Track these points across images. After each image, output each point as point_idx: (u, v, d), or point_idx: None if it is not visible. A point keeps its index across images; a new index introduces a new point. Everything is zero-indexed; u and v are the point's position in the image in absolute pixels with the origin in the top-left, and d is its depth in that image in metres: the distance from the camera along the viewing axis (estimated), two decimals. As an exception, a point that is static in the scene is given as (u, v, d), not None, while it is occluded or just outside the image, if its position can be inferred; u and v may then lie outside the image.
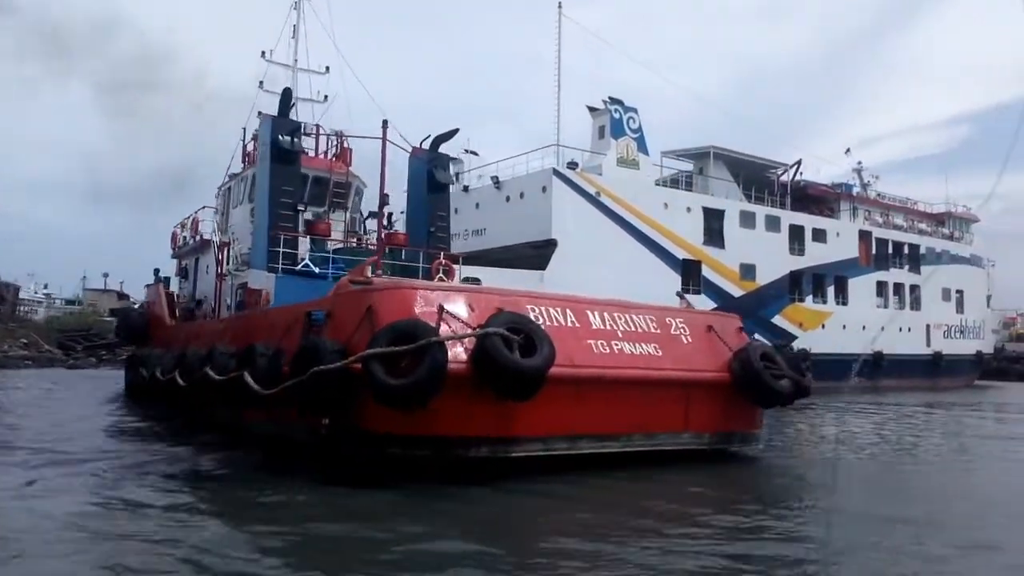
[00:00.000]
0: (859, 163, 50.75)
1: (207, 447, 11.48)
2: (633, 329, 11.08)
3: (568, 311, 10.61)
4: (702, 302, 33.20)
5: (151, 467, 9.71)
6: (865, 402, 29.37)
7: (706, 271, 33.99)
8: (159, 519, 7.00)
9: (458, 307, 9.46)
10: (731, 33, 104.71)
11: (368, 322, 9.13)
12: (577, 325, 10.53)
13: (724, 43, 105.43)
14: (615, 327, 10.92)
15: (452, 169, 36.43)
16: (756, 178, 38.79)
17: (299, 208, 18.32)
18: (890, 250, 43.51)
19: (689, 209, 33.71)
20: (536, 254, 30.00)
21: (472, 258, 31.61)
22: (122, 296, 63.92)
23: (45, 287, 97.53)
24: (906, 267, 44.44)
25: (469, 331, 8.92)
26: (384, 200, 17.09)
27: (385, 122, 17.75)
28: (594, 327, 10.70)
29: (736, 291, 35.17)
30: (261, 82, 24.87)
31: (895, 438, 17.22)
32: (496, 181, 32.13)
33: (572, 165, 31.32)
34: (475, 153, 36.00)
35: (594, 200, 30.51)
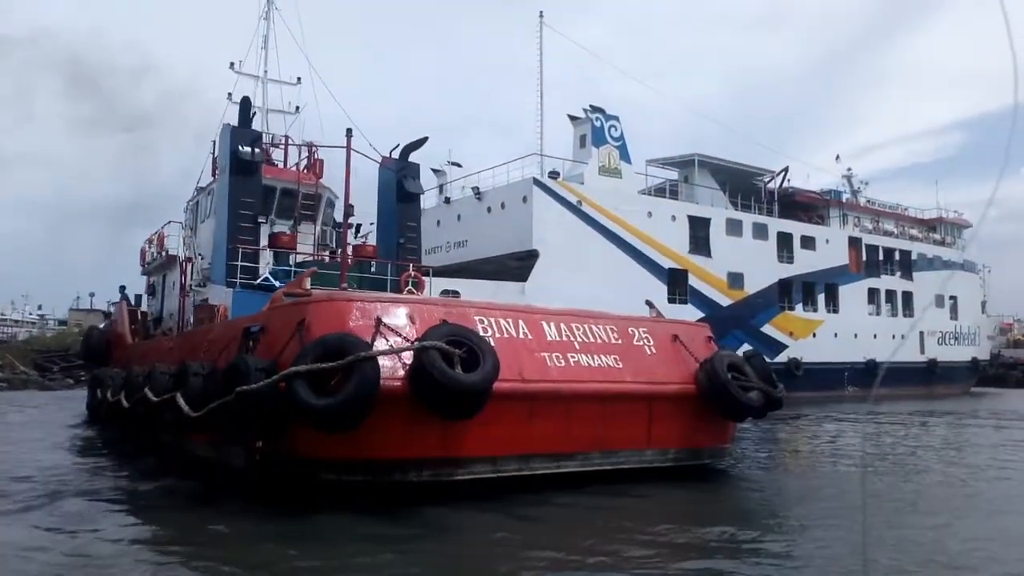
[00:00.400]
0: (848, 170, 50.41)
1: (144, 473, 10.81)
2: (592, 340, 10.46)
3: (521, 322, 10.00)
4: (689, 312, 32.65)
5: (74, 494, 9.05)
6: (858, 412, 28.69)
7: (693, 280, 33.42)
8: (69, 553, 6.35)
9: (399, 319, 8.84)
10: (726, 43, 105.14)
11: (299, 337, 8.52)
12: (530, 337, 9.91)
13: (719, 53, 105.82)
14: (572, 338, 10.30)
15: (436, 181, 36.08)
16: (743, 186, 38.32)
17: (260, 220, 17.75)
18: (881, 256, 42.98)
19: (674, 217, 33.18)
20: (520, 266, 29.43)
21: (455, 271, 31.14)
22: (107, 316, 63.13)
23: (39, 308, 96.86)
24: (898, 274, 43.90)
25: (404, 345, 8.29)
26: (349, 211, 16.55)
27: (349, 131, 17.24)
28: (549, 339, 10.08)
29: (724, 300, 34.59)
30: (230, 94, 24.38)
31: (885, 448, 16.56)
32: (477, 192, 31.62)
33: (554, 175, 30.81)
34: (458, 165, 35.54)
35: (576, 210, 29.97)
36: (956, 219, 51.83)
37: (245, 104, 18.24)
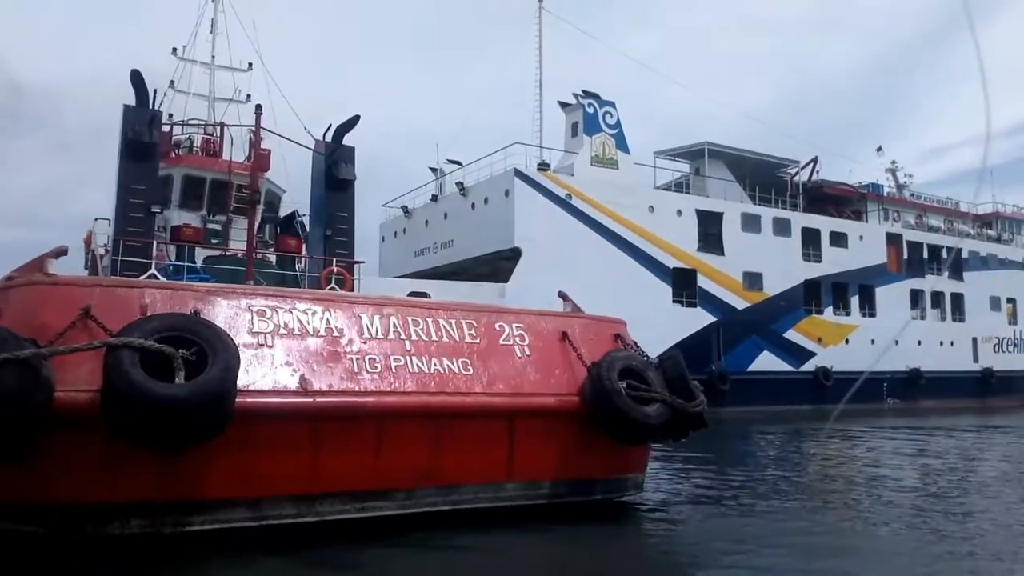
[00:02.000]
0: (893, 163, 46.36)
1: None
2: (433, 339, 7.91)
3: (328, 314, 7.53)
4: (698, 316, 29.64)
5: None
6: (894, 426, 25.19)
7: (702, 281, 30.34)
8: None
9: (118, 309, 6.47)
10: (782, 47, 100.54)
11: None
12: (337, 334, 7.43)
13: (775, 58, 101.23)
14: (402, 335, 7.78)
15: (435, 178, 33.90)
16: (766, 179, 35.03)
17: (155, 210, 15.77)
18: (925, 255, 38.91)
19: (680, 212, 30.19)
20: (507, 266, 26.98)
21: (430, 274, 28.85)
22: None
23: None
24: (945, 274, 39.72)
25: (86, 343, 5.91)
26: (254, 198, 14.48)
27: (259, 107, 15.16)
28: (366, 337, 7.57)
29: (739, 303, 31.36)
30: (172, 81, 22.71)
31: (910, 471, 13.44)
32: (461, 187, 29.29)
33: (544, 167, 28.27)
34: (458, 163, 33.29)
35: (565, 204, 27.35)
36: (1015, 214, 47.08)
37: (137, 80, 16.27)
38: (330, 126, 18.58)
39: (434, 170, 32.92)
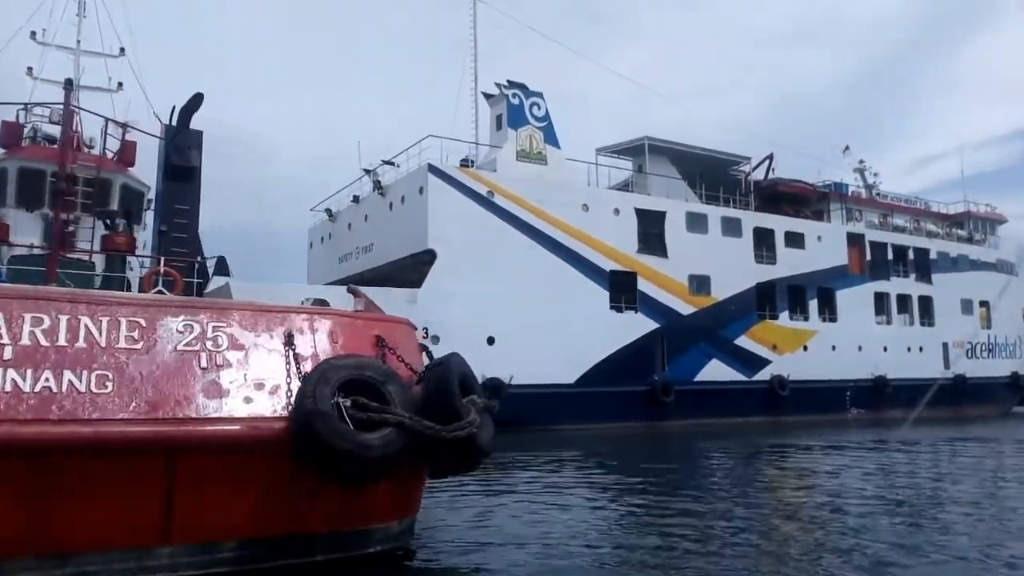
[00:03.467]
0: (861, 162, 44.37)
1: None
2: (53, 343, 5.62)
3: None
4: (639, 322, 27.41)
5: None
6: (853, 442, 22.98)
7: (643, 284, 28.13)
8: None
9: None
10: (766, 58, 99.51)
11: None
12: None
13: (759, 69, 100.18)
14: (2, 339, 5.49)
15: (370, 179, 31.61)
16: (720, 177, 32.96)
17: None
18: (890, 256, 36.82)
19: (617, 211, 28.01)
20: (428, 270, 24.76)
21: (364, 280, 26.54)
22: None
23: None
24: (913, 276, 37.64)
25: None
26: (62, 189, 12.47)
27: (68, 81, 13.07)
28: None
29: (685, 308, 29.14)
30: (30, 68, 20.47)
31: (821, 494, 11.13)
32: (378, 186, 27.07)
33: (467, 163, 26.11)
34: (392, 163, 31.06)
35: (486, 202, 25.15)
36: (988, 213, 45.12)
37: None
38: (173, 108, 16.36)
39: (368, 171, 30.56)
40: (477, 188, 24.95)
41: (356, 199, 28.48)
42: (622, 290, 27.60)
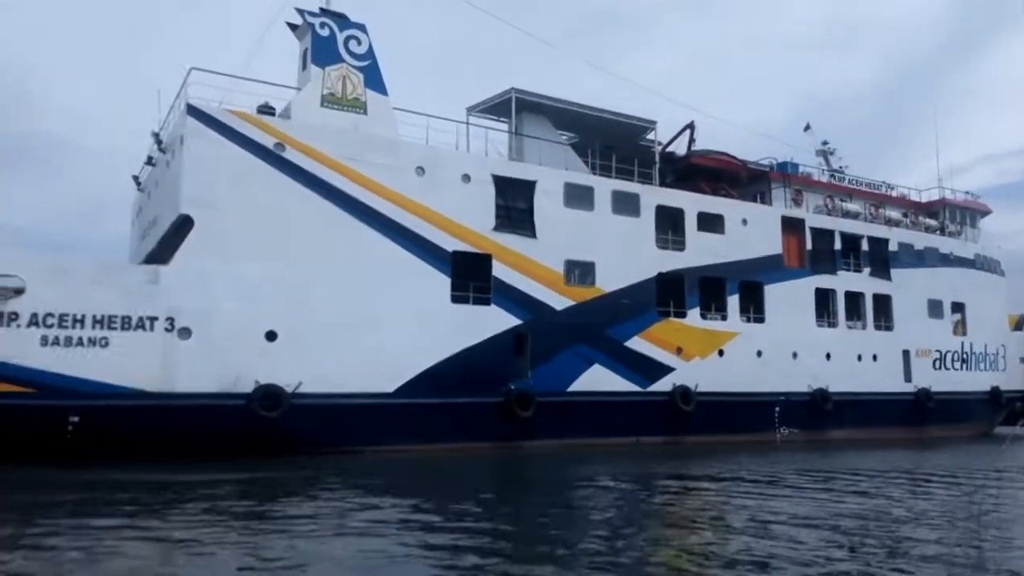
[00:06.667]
0: (825, 144, 38.52)
1: None
2: None
3: None
4: (492, 316, 21.86)
5: None
6: (771, 476, 17.41)
7: (500, 270, 22.51)
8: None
9: None
10: (793, 64, 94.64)
11: None
12: None
13: (787, 76, 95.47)
14: None
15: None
16: (629, 149, 27.26)
17: None
18: (837, 245, 30.92)
19: (467, 177, 22.39)
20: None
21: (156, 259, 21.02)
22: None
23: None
24: (866, 270, 31.70)
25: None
26: None
27: None
28: None
29: (559, 301, 23.45)
30: None
31: None
32: (157, 139, 21.64)
33: (266, 109, 20.64)
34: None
35: (274, 158, 19.64)
36: (968, 202, 39.01)
37: None
38: None
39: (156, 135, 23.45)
40: (260, 139, 19.44)
41: (150, 160, 23.01)
42: (470, 276, 21.97)
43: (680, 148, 30.03)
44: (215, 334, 18.12)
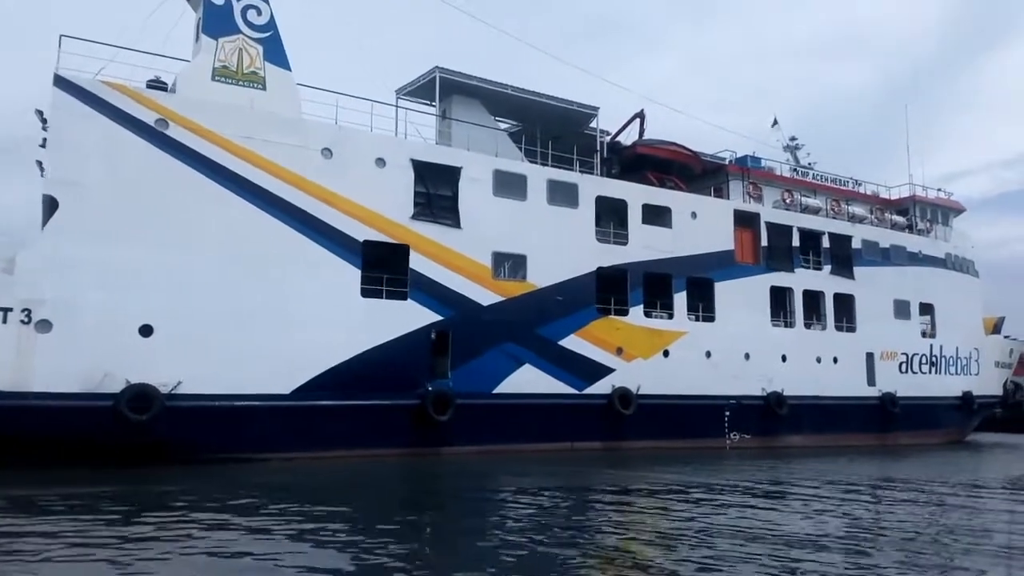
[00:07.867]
0: (793, 139, 37.09)
1: None
2: None
3: None
4: (409, 311, 20.10)
5: None
6: (716, 484, 15.68)
7: (419, 262, 20.73)
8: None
9: None
10: (792, 72, 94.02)
11: None
12: None
13: (785, 83, 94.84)
14: None
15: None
16: (573, 138, 25.58)
17: None
18: (795, 242, 29.27)
19: (382, 162, 20.64)
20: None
21: None
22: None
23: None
24: (827, 268, 30.06)
25: None
26: None
27: None
28: None
29: (485, 296, 21.69)
30: None
31: None
32: (41, 116, 19.76)
33: (157, 84, 18.85)
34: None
35: (156, 135, 17.83)
36: (940, 200, 37.48)
37: None
38: None
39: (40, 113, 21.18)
40: (139, 114, 17.64)
41: (44, 143, 21.16)
42: (384, 268, 20.20)
43: (631, 139, 28.40)
44: (79, 328, 16.27)
